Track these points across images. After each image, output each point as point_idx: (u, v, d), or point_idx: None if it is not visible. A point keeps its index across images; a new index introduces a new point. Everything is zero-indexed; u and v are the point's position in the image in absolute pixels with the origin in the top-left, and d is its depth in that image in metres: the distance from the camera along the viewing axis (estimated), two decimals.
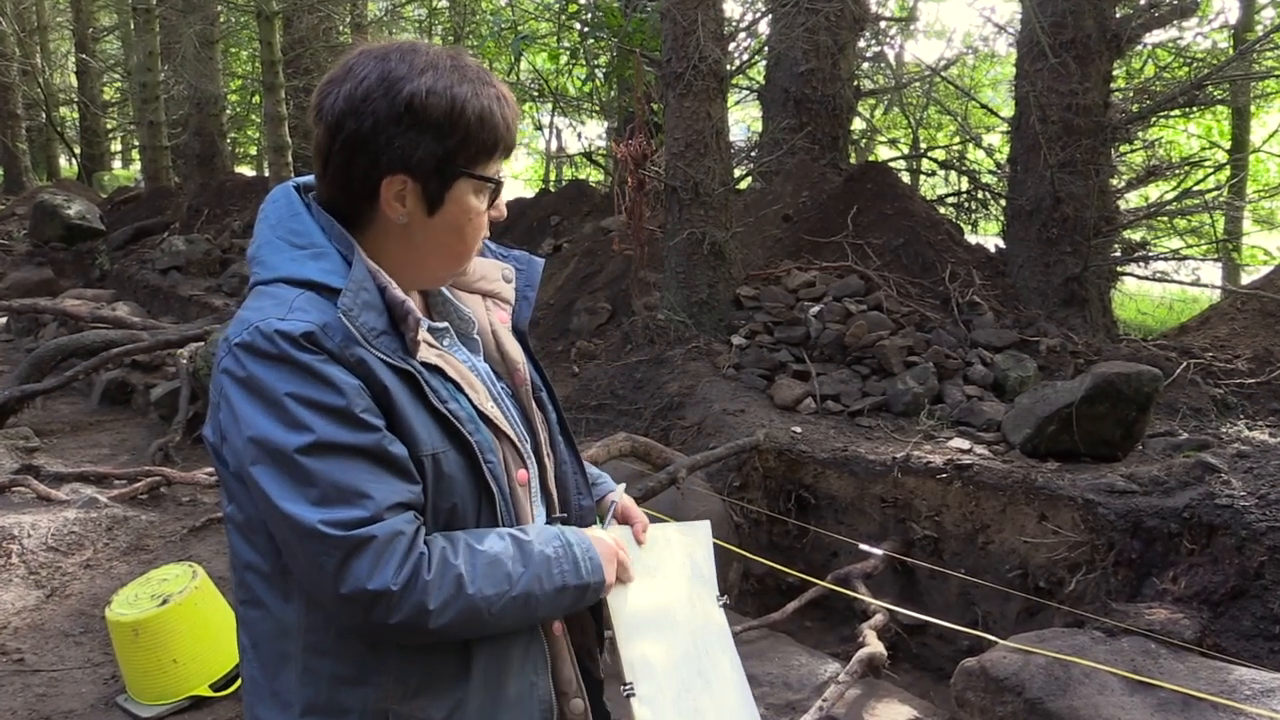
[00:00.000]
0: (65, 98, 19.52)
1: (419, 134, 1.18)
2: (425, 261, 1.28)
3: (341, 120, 1.18)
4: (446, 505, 1.21)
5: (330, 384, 1.12)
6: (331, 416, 1.12)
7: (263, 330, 1.13)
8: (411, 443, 1.18)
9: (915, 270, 6.09)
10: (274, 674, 1.23)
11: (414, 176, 1.20)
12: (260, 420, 1.12)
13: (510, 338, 1.42)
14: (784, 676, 3.39)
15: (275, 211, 1.26)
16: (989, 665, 2.98)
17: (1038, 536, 3.89)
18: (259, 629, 1.24)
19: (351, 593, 1.11)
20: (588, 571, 1.27)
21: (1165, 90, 6.67)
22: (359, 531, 1.10)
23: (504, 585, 1.18)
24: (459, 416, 1.22)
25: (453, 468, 1.21)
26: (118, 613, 3.17)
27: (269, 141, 9.89)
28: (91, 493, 4.90)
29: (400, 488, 1.15)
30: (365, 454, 1.13)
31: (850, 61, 8.36)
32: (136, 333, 7.28)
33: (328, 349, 1.14)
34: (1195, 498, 3.53)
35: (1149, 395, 4.19)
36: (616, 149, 6.44)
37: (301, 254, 1.21)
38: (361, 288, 1.18)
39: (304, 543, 1.11)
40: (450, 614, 1.14)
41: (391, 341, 1.19)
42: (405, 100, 1.17)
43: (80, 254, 11.23)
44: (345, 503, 1.11)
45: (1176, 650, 2.97)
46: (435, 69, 1.20)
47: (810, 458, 4.53)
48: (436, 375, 1.23)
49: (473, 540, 1.20)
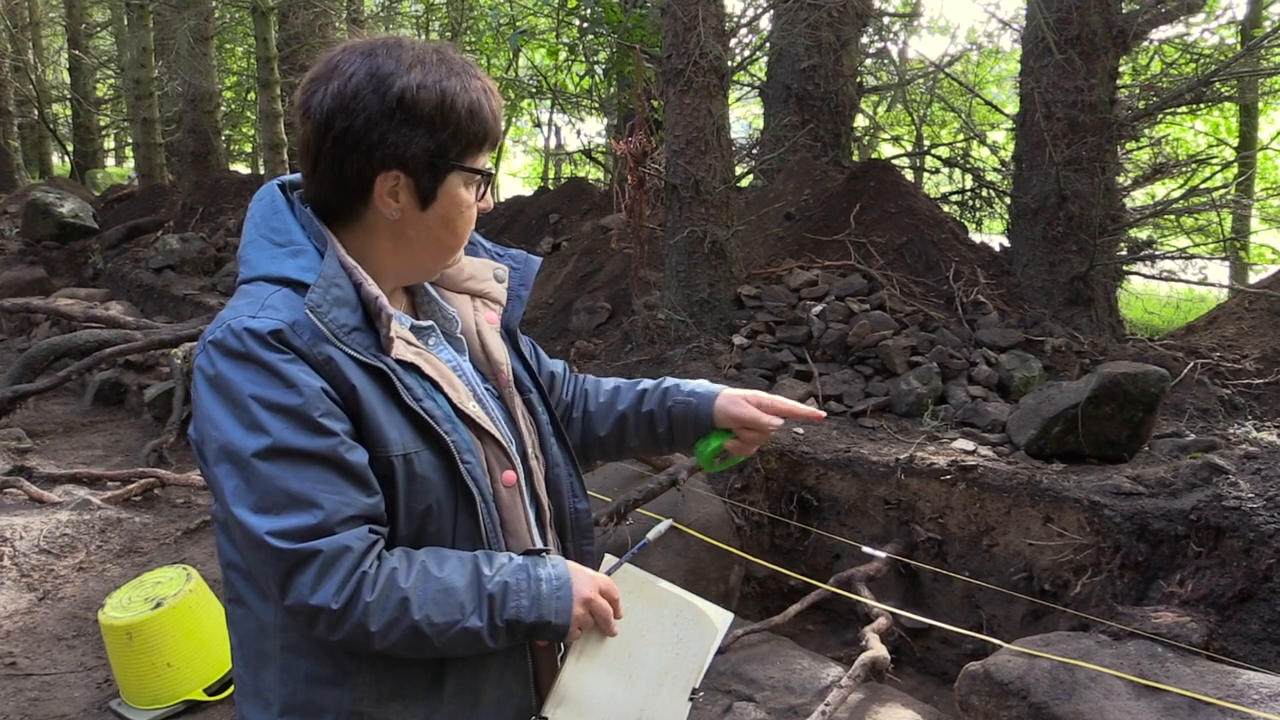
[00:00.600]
0: (58, 94, 19.51)
1: (411, 129, 1.19)
2: (416, 256, 1.28)
3: (331, 118, 1.18)
4: (421, 507, 1.21)
5: (291, 385, 1.12)
6: (289, 419, 1.12)
7: (233, 328, 1.14)
8: (381, 443, 1.17)
9: (919, 269, 6.09)
10: (256, 672, 1.24)
11: (407, 172, 1.21)
12: (223, 420, 1.13)
13: (495, 338, 1.41)
14: (786, 680, 3.39)
15: (260, 210, 1.27)
16: (993, 669, 2.98)
17: (1043, 539, 3.89)
18: (242, 627, 1.25)
19: (294, 605, 1.11)
20: (551, 611, 1.22)
21: (1172, 87, 6.67)
22: (304, 545, 1.10)
23: (455, 615, 1.16)
24: (434, 415, 1.22)
25: (426, 468, 1.20)
26: (111, 616, 3.17)
27: (264, 139, 9.89)
28: (84, 494, 4.90)
29: (355, 498, 1.14)
30: (320, 460, 1.12)
31: (853, 57, 8.36)
32: (130, 332, 7.27)
33: (295, 347, 1.14)
34: (1202, 499, 3.52)
35: (1155, 396, 4.19)
36: (616, 146, 6.44)
37: (280, 251, 1.22)
38: (332, 284, 1.18)
39: (253, 550, 1.12)
40: (394, 637, 1.14)
41: (364, 338, 1.19)
42: (396, 96, 1.18)
43: (73, 253, 11.23)
44: (294, 510, 1.11)
45: (1183, 654, 2.97)
46: (423, 64, 1.20)
47: (812, 459, 4.53)
48: (412, 373, 1.23)
49: (431, 564, 1.18)
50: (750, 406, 1.47)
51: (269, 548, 1.10)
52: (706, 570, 3.99)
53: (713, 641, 1.38)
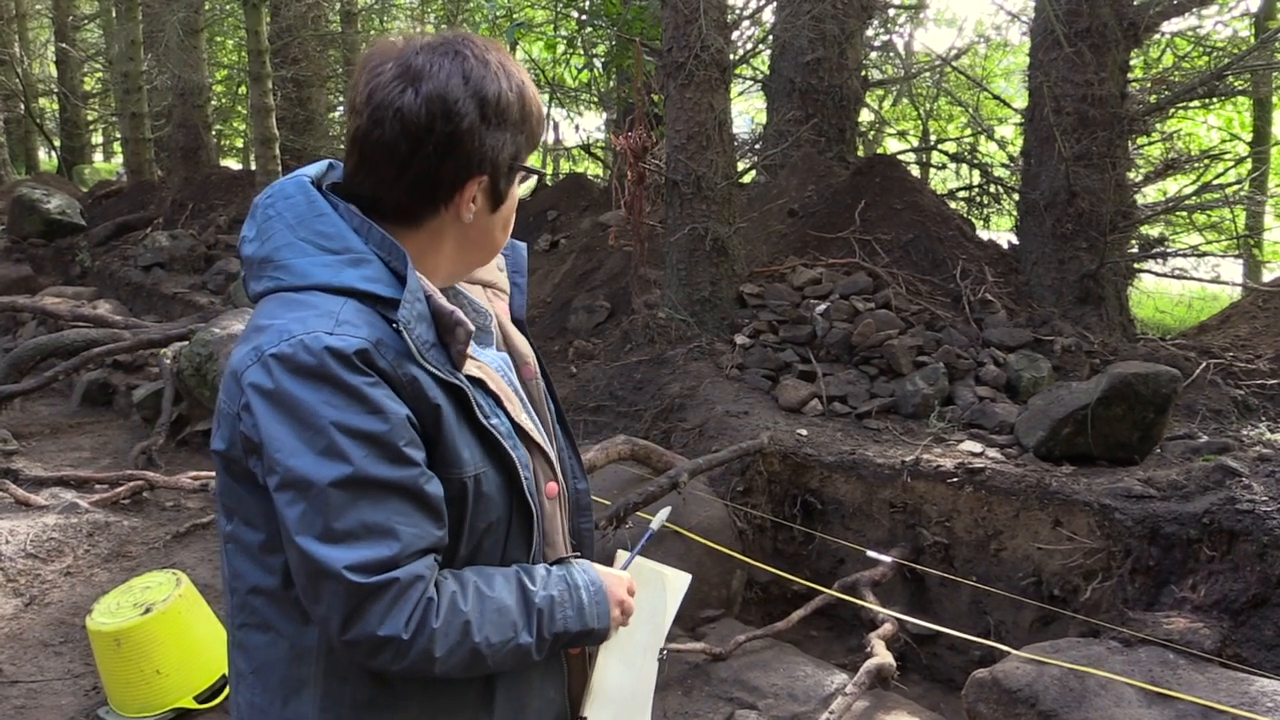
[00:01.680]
0: (44, 88, 19.50)
1: (502, 133, 1.21)
2: (471, 257, 1.30)
3: (431, 123, 1.16)
4: (484, 525, 1.21)
5: (377, 410, 1.09)
6: (372, 447, 1.08)
7: (308, 344, 1.08)
8: (456, 464, 1.16)
9: (925, 267, 6.09)
10: (285, 700, 1.20)
11: (491, 175, 1.22)
12: (291, 443, 1.08)
13: (513, 329, 1.42)
14: (789, 688, 3.39)
15: (293, 210, 1.20)
16: (1002, 676, 2.98)
17: (1052, 543, 3.89)
18: (265, 654, 1.21)
19: (357, 637, 1.09)
20: (593, 617, 1.27)
21: (1184, 80, 6.67)
22: (380, 577, 1.08)
23: (509, 633, 1.17)
24: (501, 431, 1.22)
25: (491, 487, 1.20)
26: (99, 622, 3.17)
27: (256, 134, 9.88)
28: (72, 497, 4.90)
29: (429, 531, 1.13)
30: (400, 491, 1.10)
31: (858, 51, 8.36)
32: (118, 332, 7.28)
33: (380, 368, 1.11)
34: (1215, 503, 3.52)
35: (1167, 397, 4.19)
36: (616, 141, 6.44)
37: (336, 259, 1.17)
38: (417, 299, 1.15)
39: (316, 580, 1.09)
40: (454, 660, 1.14)
41: (439, 354, 1.17)
42: (492, 101, 1.19)
43: (60, 250, 11.23)
44: (371, 541, 1.08)
45: (1196, 661, 2.97)
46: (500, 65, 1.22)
47: (816, 461, 4.53)
48: (478, 388, 1.22)
49: (482, 584, 1.18)
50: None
51: (343, 580, 1.06)
52: (708, 575, 3.99)
53: (675, 601, 1.50)
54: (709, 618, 3.94)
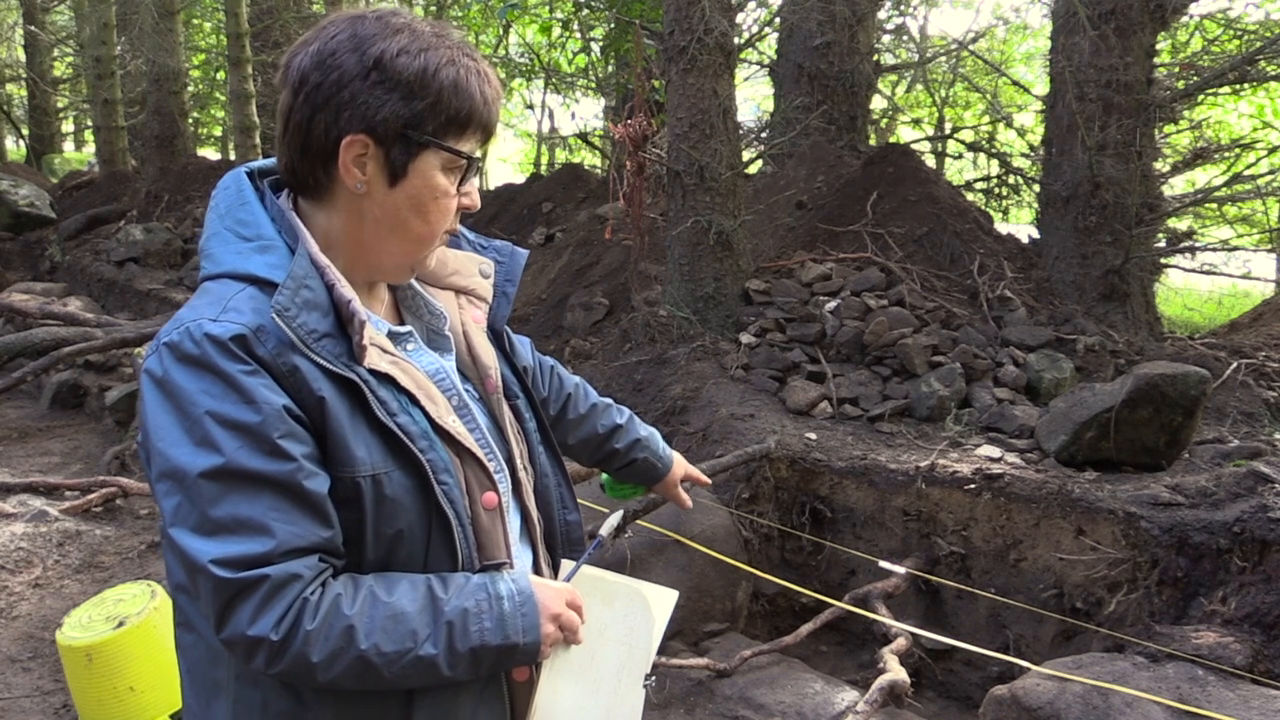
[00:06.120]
0: (12, 73, 19.52)
1: (385, 92, 1.19)
2: (383, 243, 1.26)
3: (306, 76, 1.20)
4: (390, 531, 1.19)
5: (250, 400, 1.11)
6: (244, 438, 1.10)
7: (192, 332, 1.12)
8: (347, 462, 1.16)
9: (941, 262, 6.10)
10: (206, 703, 1.23)
11: (376, 139, 1.20)
12: (170, 432, 1.11)
13: (483, 339, 1.41)
14: (797, 706, 3.39)
15: (225, 199, 1.26)
16: (1021, 694, 2.98)
17: (1074, 553, 3.89)
18: (192, 654, 1.24)
19: (230, 637, 1.10)
20: (517, 631, 1.21)
21: (1214, 65, 6.68)
22: (249, 573, 1.08)
23: (406, 643, 1.14)
24: (409, 432, 1.20)
25: (398, 490, 1.19)
26: (69, 636, 3.17)
27: (235, 121, 9.90)
28: (41, 505, 4.90)
29: (311, 530, 1.13)
30: (275, 486, 1.11)
31: (870, 34, 8.37)
32: (90, 330, 7.28)
33: (258, 356, 1.13)
34: (1247, 510, 3.53)
35: (1196, 399, 4.20)
36: (614, 130, 6.44)
37: (247, 246, 1.21)
38: (302, 284, 1.17)
39: (191, 575, 1.11)
40: (339, 668, 1.12)
41: (336, 345, 1.18)
42: (375, 56, 1.19)
43: (28, 244, 11.24)
44: (243, 536, 1.09)
45: (1226, 677, 2.97)
46: (412, 32, 1.22)
47: (826, 467, 4.54)
48: (386, 384, 1.21)
49: (380, 589, 1.17)
50: (683, 493, 1.90)
51: (209, 575, 1.08)
52: (711, 587, 4.00)
53: (661, 623, 1.45)
54: (713, 632, 3.94)
